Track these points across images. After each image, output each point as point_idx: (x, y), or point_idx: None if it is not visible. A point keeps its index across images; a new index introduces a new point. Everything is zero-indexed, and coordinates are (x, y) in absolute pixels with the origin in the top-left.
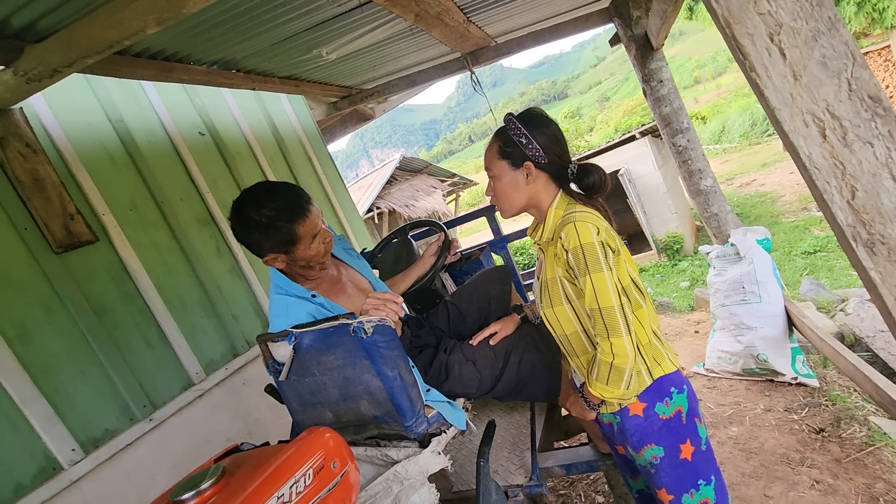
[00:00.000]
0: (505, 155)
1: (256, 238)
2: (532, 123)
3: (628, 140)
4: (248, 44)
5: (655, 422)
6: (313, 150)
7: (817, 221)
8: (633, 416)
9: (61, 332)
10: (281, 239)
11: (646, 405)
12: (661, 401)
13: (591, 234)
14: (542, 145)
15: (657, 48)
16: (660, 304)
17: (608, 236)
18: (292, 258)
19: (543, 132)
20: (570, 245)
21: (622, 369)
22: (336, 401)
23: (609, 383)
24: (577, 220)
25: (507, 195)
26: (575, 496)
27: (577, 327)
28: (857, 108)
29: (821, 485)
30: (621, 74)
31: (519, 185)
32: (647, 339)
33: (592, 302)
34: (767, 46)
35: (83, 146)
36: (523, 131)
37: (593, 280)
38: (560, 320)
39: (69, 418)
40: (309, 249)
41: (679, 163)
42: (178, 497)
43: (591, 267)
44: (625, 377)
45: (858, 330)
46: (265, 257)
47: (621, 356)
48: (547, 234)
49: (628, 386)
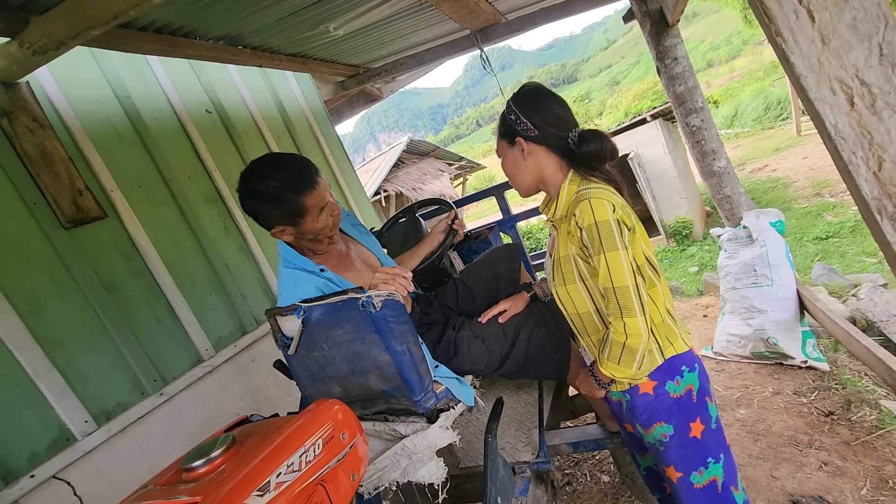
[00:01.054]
0: (501, 134)
1: (263, 209)
2: (522, 99)
3: (639, 123)
4: (254, 18)
5: (666, 400)
6: (321, 130)
7: (830, 207)
8: (643, 393)
9: (72, 306)
10: (288, 210)
11: (656, 383)
12: (672, 379)
13: (606, 212)
14: (529, 119)
15: (672, 24)
16: (669, 288)
17: (624, 213)
18: (300, 231)
19: (532, 106)
20: (584, 222)
21: (635, 350)
22: (345, 375)
23: (621, 363)
24: (593, 196)
25: (513, 174)
26: (580, 475)
27: (589, 307)
28: (889, 74)
29: (829, 466)
30: (632, 58)
31: (518, 162)
32: (661, 319)
33: (606, 281)
34: (795, 8)
35: (90, 122)
36: (513, 108)
37: (608, 259)
38: (573, 299)
39: (81, 391)
40: (317, 222)
41: (692, 143)
42: (189, 464)
43: (606, 245)
44: (637, 357)
45: (871, 314)
46: (273, 229)
47: (635, 336)
48: (560, 211)
49: (640, 366)
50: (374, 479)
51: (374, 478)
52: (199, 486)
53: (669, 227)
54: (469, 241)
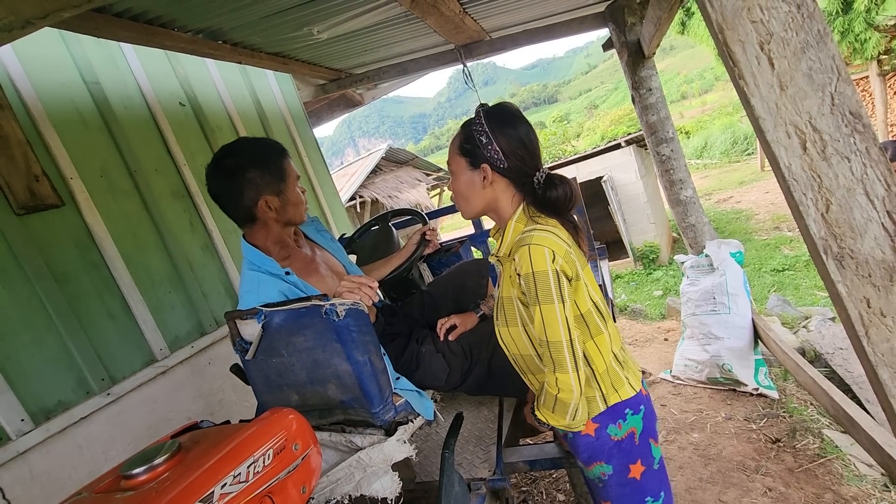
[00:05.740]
0: (464, 152)
1: (252, 175)
2: (497, 122)
3: (614, 148)
4: (236, 14)
5: (606, 442)
6: (298, 132)
7: (787, 241)
8: (584, 434)
9: (17, 296)
10: (275, 172)
11: (598, 426)
12: (614, 423)
13: (545, 261)
14: (503, 148)
15: (648, 56)
16: (632, 311)
17: (566, 262)
18: (284, 201)
19: (508, 133)
20: (522, 270)
21: (567, 403)
22: (303, 383)
23: (555, 412)
24: (534, 242)
25: (464, 195)
26: (537, 493)
27: (531, 350)
28: (839, 123)
29: (773, 492)
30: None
31: (475, 187)
32: (606, 367)
33: (541, 333)
34: (757, 55)
35: (54, 106)
36: (485, 129)
37: (543, 311)
38: (515, 341)
39: (20, 387)
40: (296, 189)
41: (661, 172)
42: (129, 471)
43: (542, 297)
44: (570, 410)
45: (819, 346)
46: (260, 200)
47: (566, 391)
48: (504, 250)
49: (574, 417)
50: (326, 492)
51: (327, 490)
52: (137, 495)
53: (637, 251)
54: (440, 253)
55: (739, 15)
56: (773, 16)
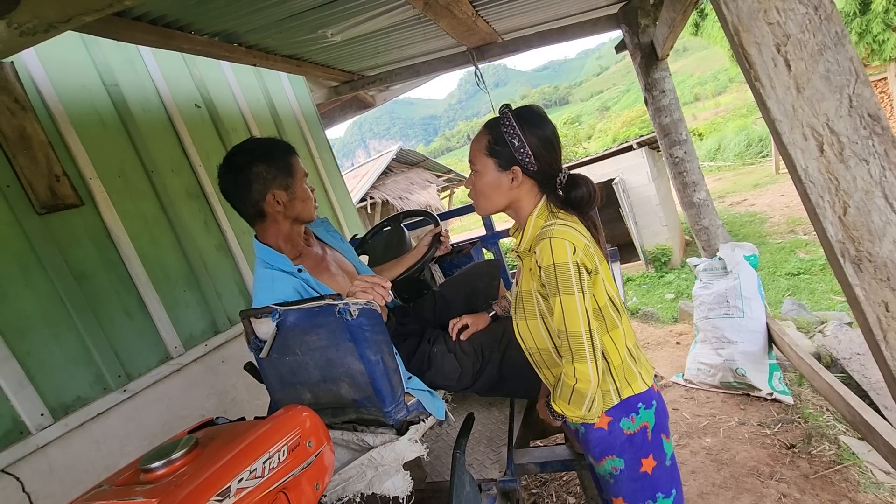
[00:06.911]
0: (493, 153)
1: (259, 170)
2: (529, 124)
3: (625, 150)
4: (252, 17)
5: (619, 436)
6: (310, 133)
7: (803, 245)
8: (597, 428)
9: (38, 293)
10: (282, 166)
11: (611, 419)
12: (627, 416)
13: (565, 254)
14: (534, 151)
15: (662, 58)
16: (644, 314)
17: (585, 255)
18: (292, 196)
19: (538, 136)
20: (543, 263)
21: (584, 393)
22: (316, 382)
23: (571, 403)
24: (554, 235)
25: (487, 195)
26: (547, 496)
27: (548, 343)
28: (857, 125)
29: (788, 499)
30: (623, 85)
31: (501, 188)
32: (620, 360)
33: (560, 324)
34: (774, 57)
35: (74, 107)
36: (517, 132)
37: (563, 302)
38: (532, 334)
39: (40, 382)
40: (304, 185)
41: (674, 174)
42: (148, 465)
43: (562, 288)
44: (586, 401)
45: (835, 351)
46: (268, 194)
47: (583, 381)
48: (525, 244)
49: (590, 409)
50: (338, 490)
51: (339, 488)
52: (156, 487)
53: (649, 253)
54: (452, 254)
55: (756, 17)
56: (790, 17)
